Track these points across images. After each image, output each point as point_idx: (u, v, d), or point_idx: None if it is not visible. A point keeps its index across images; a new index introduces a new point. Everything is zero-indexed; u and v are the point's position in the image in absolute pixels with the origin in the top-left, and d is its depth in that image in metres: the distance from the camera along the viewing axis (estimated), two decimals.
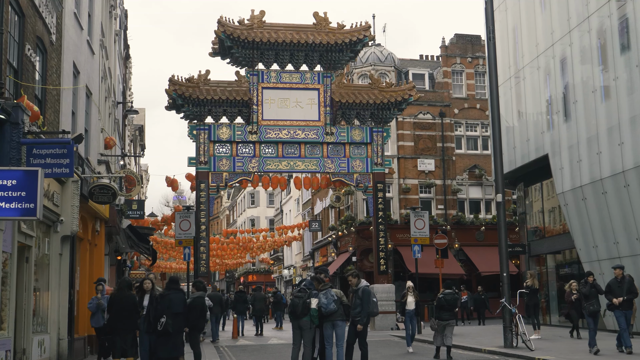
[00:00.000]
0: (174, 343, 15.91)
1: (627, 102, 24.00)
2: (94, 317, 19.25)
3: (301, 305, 15.48)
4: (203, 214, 32.27)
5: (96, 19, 26.01)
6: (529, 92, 32.21)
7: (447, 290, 20.44)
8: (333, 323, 15.68)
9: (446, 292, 20.31)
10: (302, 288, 15.83)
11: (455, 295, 20.89)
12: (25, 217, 12.03)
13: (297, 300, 15.54)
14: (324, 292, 15.77)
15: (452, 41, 49.88)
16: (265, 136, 32.82)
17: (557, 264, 32.53)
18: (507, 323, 21.78)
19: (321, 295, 15.69)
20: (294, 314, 15.64)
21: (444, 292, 20.36)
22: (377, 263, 33.48)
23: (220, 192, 39.51)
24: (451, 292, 20.37)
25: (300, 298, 15.56)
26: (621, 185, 24.37)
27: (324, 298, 15.63)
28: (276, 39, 32.50)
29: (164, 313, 15.68)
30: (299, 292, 15.75)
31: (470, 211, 47.57)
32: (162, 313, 15.69)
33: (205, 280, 30.83)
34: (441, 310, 20.09)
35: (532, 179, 33.51)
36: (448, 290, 20.40)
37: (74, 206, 18.57)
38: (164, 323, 15.57)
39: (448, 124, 47.93)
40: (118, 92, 37.77)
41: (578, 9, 27.52)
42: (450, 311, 20.20)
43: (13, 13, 14.39)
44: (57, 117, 18.57)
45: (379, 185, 33.59)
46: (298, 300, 15.54)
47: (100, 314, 18.88)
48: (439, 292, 21.21)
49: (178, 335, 16.09)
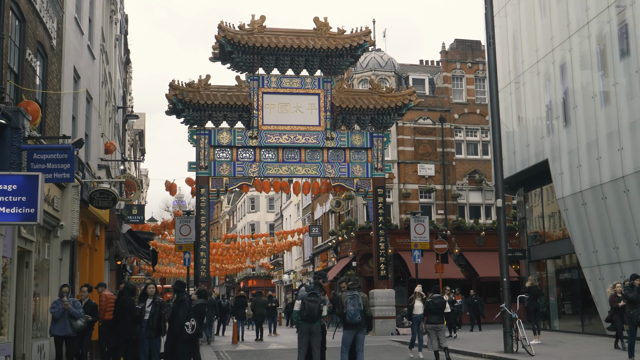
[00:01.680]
0: (196, 346, 16.55)
1: (627, 107, 24.02)
2: (56, 323, 16.75)
3: (317, 310, 15.51)
4: (203, 218, 32.25)
5: (97, 23, 26.05)
6: (528, 97, 32.23)
7: (435, 294, 20.48)
8: (356, 331, 15.94)
9: (434, 296, 20.36)
10: (313, 292, 15.81)
11: (444, 299, 20.93)
12: (26, 222, 12.03)
13: (313, 305, 15.50)
14: (351, 297, 15.82)
15: (452, 46, 49.88)
16: (266, 141, 32.83)
17: (557, 269, 32.52)
18: (507, 328, 21.76)
19: (348, 300, 15.77)
20: (311, 318, 15.61)
21: (432, 296, 20.42)
22: (378, 268, 33.45)
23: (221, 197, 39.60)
24: (439, 296, 20.40)
25: (315, 302, 15.55)
26: (621, 191, 24.37)
27: (350, 305, 15.71)
28: (276, 44, 32.51)
29: (192, 317, 16.08)
30: (311, 297, 15.71)
31: (470, 216, 47.55)
32: (190, 317, 16.10)
33: (205, 285, 30.93)
34: (430, 314, 20.12)
35: (532, 184, 33.52)
36: (436, 295, 20.45)
37: (74, 211, 18.59)
38: (194, 326, 16.02)
39: (448, 129, 47.93)
40: (118, 97, 37.81)
41: (578, 14, 27.55)
42: (439, 315, 20.21)
43: (14, 18, 14.41)
44: (58, 121, 18.59)
45: (379, 190, 33.58)
46: (314, 304, 15.52)
47: (67, 320, 16.69)
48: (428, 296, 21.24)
49: (197, 340, 16.60)
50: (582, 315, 29.62)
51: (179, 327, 16.03)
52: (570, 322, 30.82)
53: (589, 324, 28.85)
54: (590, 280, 27.44)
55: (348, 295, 15.83)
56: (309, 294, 15.77)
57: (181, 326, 16.00)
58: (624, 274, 24.67)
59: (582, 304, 29.57)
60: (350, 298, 15.77)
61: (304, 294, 15.88)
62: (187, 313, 16.15)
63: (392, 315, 32.76)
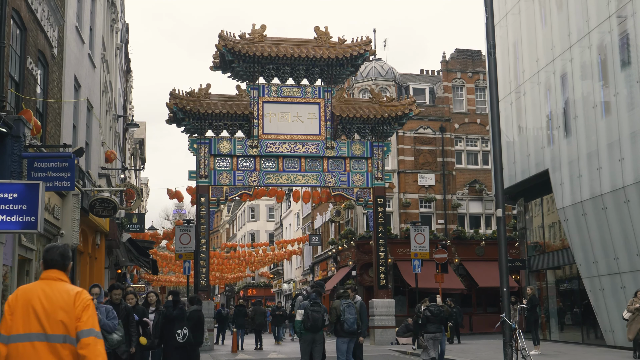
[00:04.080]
0: (195, 354, 16.32)
1: (628, 117, 24.02)
2: None
3: (321, 320, 15.57)
4: (203, 227, 32.24)
5: (97, 32, 26.09)
6: (529, 107, 32.24)
7: (431, 302, 20.43)
8: (350, 339, 16.04)
9: (430, 304, 20.29)
10: (316, 302, 15.85)
11: (441, 308, 20.88)
12: (26, 230, 12.01)
13: (317, 315, 15.58)
14: (347, 305, 15.86)
15: (453, 56, 49.93)
16: (266, 150, 32.83)
17: (557, 279, 32.49)
18: (507, 338, 21.63)
19: (345, 309, 15.82)
20: (315, 328, 15.65)
21: (428, 305, 20.37)
22: (377, 277, 33.41)
23: (221, 206, 39.49)
24: (436, 305, 20.37)
25: (319, 312, 15.61)
26: (621, 201, 24.36)
27: (348, 314, 15.76)
28: (277, 53, 32.55)
29: (184, 325, 15.91)
30: (314, 306, 15.75)
31: (470, 226, 47.55)
32: (183, 325, 15.92)
33: (205, 294, 30.92)
34: (428, 323, 19.99)
35: (532, 194, 33.51)
36: (432, 303, 20.39)
37: (75, 219, 18.56)
38: (185, 335, 15.80)
39: (448, 139, 47.95)
40: (119, 106, 37.85)
41: (579, 24, 27.58)
42: (437, 324, 20.16)
43: (15, 27, 14.43)
44: (58, 130, 18.59)
45: (379, 200, 33.57)
46: (318, 314, 15.58)
47: None
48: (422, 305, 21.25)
49: (194, 348, 16.40)
50: (582, 325, 29.57)
51: (170, 335, 15.93)
52: (571, 333, 30.77)
53: (589, 334, 28.81)
54: (591, 290, 27.40)
55: (344, 304, 15.88)
56: (311, 304, 15.80)
57: (172, 334, 15.92)
58: (624, 285, 24.68)
59: (582, 314, 29.53)
60: (346, 306, 15.82)
61: (306, 304, 15.89)
62: (181, 320, 16.06)
63: (392, 324, 32.72)
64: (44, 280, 5.91)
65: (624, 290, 24.73)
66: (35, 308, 5.70)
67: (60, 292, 5.79)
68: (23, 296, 5.80)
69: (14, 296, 5.85)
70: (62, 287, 5.85)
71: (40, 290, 5.80)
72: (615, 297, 25.45)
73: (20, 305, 5.75)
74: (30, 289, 5.86)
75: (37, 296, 5.75)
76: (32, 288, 5.88)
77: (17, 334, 5.68)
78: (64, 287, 5.84)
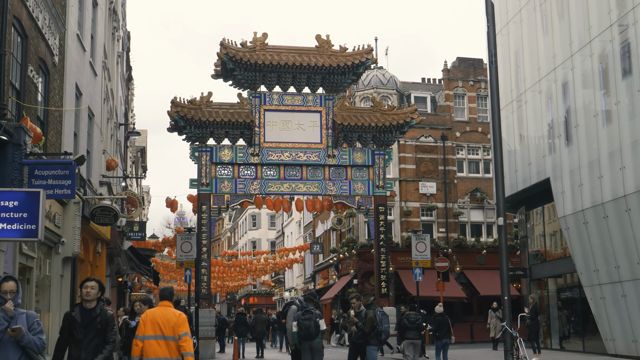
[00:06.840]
0: None
1: (629, 126, 24.01)
2: None
3: (313, 327, 15.49)
4: (204, 235, 32.20)
5: (99, 40, 26.09)
6: (530, 115, 32.24)
7: (410, 311, 21.89)
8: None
9: (409, 312, 21.53)
10: (307, 310, 15.80)
11: (418, 315, 21.48)
12: (27, 238, 11.98)
13: (308, 323, 15.51)
14: (382, 313, 16.08)
15: (454, 65, 49.94)
16: (267, 158, 32.82)
17: (558, 287, 32.44)
18: (508, 347, 21.66)
19: (382, 317, 16.03)
20: (309, 336, 15.60)
21: (407, 313, 21.29)
22: (379, 286, 33.37)
23: (222, 214, 39.45)
24: (414, 313, 21.44)
25: (310, 320, 15.54)
26: (622, 210, 24.33)
27: (385, 323, 16.01)
28: (278, 61, 32.55)
29: None
30: (305, 315, 15.70)
31: (471, 234, 47.51)
32: None
33: (206, 302, 30.87)
34: (407, 330, 20.91)
35: (533, 203, 33.48)
36: (412, 312, 21.62)
37: (76, 227, 18.54)
38: None
39: (450, 147, 47.94)
40: (120, 114, 37.85)
41: (580, 33, 27.59)
42: (415, 330, 20.84)
43: (16, 34, 14.44)
44: (59, 138, 18.58)
45: (380, 208, 33.55)
46: (308, 322, 15.52)
47: (9, 348, 9.00)
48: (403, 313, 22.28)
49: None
50: (583, 334, 29.52)
51: None
52: (571, 341, 30.72)
53: (590, 343, 28.74)
54: (592, 299, 27.36)
55: (379, 313, 15.99)
56: (302, 313, 15.79)
57: None
58: (625, 293, 24.64)
59: (583, 322, 29.48)
60: (382, 315, 16.01)
61: (298, 314, 15.89)
62: None
63: (392, 333, 32.62)
64: (161, 306, 10.68)
65: (625, 298, 24.70)
66: (157, 321, 10.42)
67: (170, 313, 10.57)
68: (150, 314, 10.55)
69: (145, 315, 10.61)
70: (171, 310, 10.66)
71: (159, 311, 10.58)
72: (616, 306, 25.40)
73: (149, 320, 10.46)
74: (154, 311, 10.61)
75: (158, 315, 10.50)
76: (155, 310, 10.62)
77: (147, 335, 10.37)
78: (172, 310, 10.66)
